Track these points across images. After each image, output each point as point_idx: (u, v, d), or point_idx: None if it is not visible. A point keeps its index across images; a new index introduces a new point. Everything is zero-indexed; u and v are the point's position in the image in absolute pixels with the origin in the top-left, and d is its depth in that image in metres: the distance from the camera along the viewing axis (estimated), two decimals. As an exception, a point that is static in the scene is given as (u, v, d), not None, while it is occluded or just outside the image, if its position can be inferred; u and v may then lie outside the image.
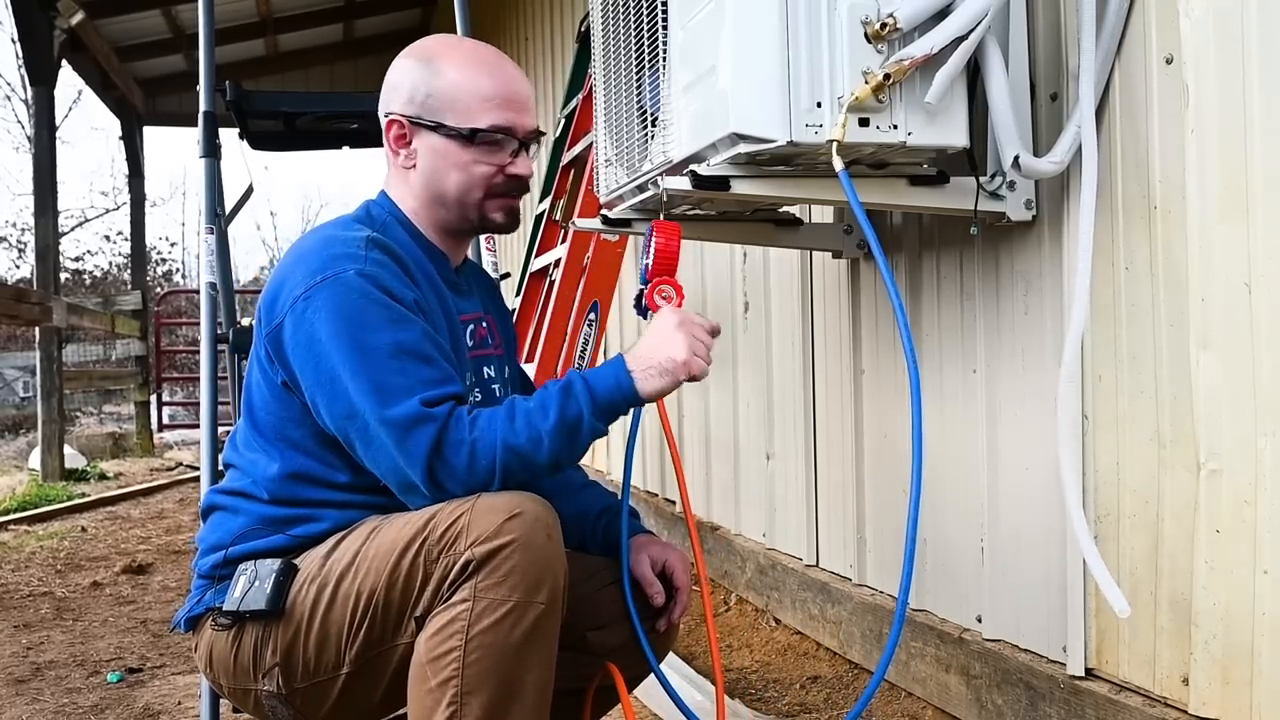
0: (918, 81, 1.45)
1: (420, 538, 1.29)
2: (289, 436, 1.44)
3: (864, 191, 1.52)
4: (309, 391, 1.37)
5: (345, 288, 1.35)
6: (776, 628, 2.69)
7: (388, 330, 1.34)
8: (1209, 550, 1.44)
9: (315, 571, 1.37)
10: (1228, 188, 1.39)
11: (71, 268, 17.72)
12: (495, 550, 1.26)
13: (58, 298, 6.80)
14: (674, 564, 1.59)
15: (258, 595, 1.36)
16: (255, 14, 8.75)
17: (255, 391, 1.47)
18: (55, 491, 6.16)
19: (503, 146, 1.48)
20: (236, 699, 1.47)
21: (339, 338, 1.33)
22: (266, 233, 34.22)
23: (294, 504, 1.44)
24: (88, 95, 9.86)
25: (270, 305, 1.41)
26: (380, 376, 1.32)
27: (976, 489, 1.93)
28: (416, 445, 1.30)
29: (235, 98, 2.37)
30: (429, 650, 1.27)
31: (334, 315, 1.34)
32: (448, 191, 1.49)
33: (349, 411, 1.33)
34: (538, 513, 1.30)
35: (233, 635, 1.40)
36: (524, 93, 1.52)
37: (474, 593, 1.26)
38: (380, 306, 1.35)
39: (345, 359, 1.33)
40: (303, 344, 1.36)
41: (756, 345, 2.88)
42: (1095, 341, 1.63)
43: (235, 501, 1.48)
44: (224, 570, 1.43)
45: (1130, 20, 1.53)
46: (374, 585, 1.32)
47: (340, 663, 1.36)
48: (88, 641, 3.02)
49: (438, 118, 1.47)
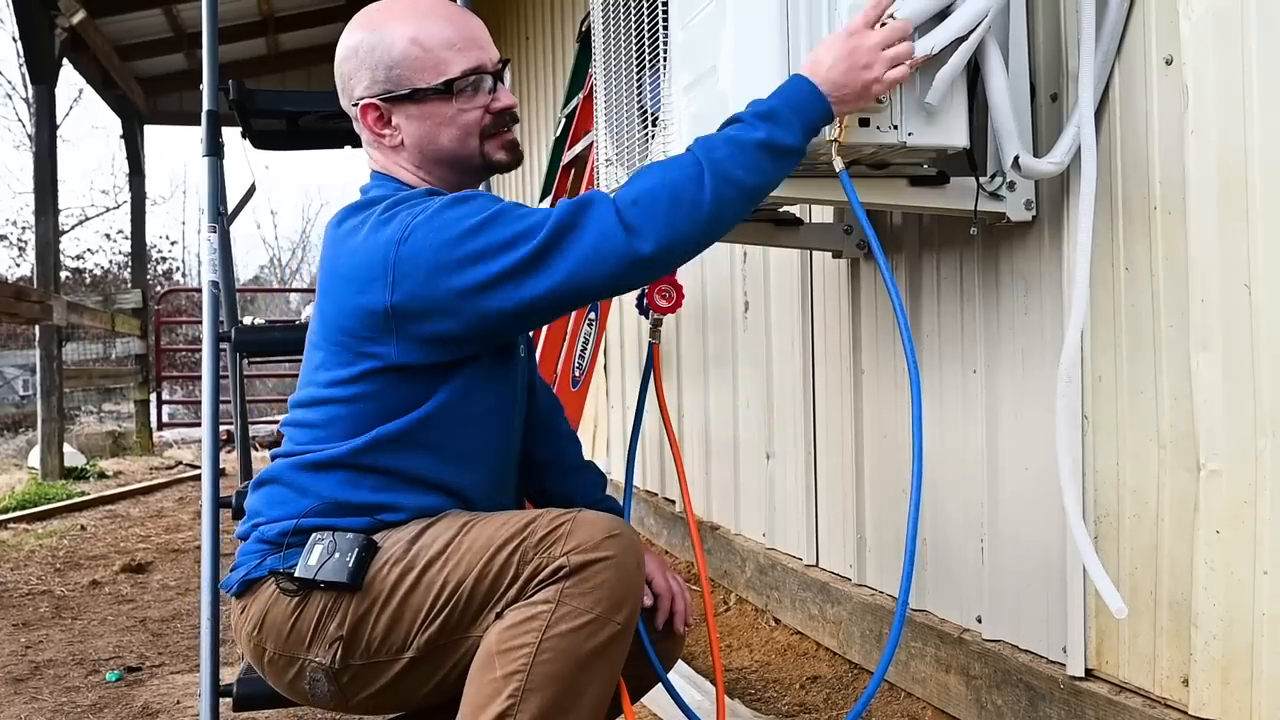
0: (918, 82, 1.46)
1: (518, 538, 1.30)
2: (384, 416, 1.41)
3: (864, 192, 1.53)
4: (462, 300, 1.32)
5: (438, 207, 1.34)
6: (776, 628, 2.69)
7: (494, 203, 1.34)
8: (1209, 551, 1.44)
9: (399, 554, 1.36)
10: (1227, 189, 1.39)
11: (72, 266, 17.74)
12: (590, 562, 1.27)
13: (58, 296, 6.80)
14: (652, 568, 1.58)
15: (338, 567, 1.34)
16: (257, 13, 8.77)
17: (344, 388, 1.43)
18: (54, 490, 6.16)
19: (480, 87, 1.47)
20: (275, 669, 1.43)
21: (462, 222, 1.31)
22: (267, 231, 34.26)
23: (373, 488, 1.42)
24: (88, 94, 9.87)
25: (361, 283, 1.36)
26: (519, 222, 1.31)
27: (976, 489, 1.93)
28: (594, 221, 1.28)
29: (239, 97, 2.37)
30: (501, 641, 1.27)
31: (443, 218, 1.32)
32: (444, 149, 1.48)
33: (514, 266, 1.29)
34: (634, 539, 1.32)
35: (296, 601, 1.37)
36: (477, 27, 1.50)
37: (559, 595, 1.26)
38: (474, 198, 1.35)
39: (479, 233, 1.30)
40: (428, 265, 1.31)
41: (756, 345, 2.89)
42: (1095, 342, 1.63)
43: (301, 477, 1.44)
44: (294, 538, 1.40)
45: (1130, 21, 1.54)
46: (462, 576, 1.31)
47: (406, 646, 1.35)
48: (86, 640, 3.02)
49: (409, 84, 1.46)
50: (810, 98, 1.35)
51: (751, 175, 1.31)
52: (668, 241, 1.29)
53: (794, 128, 1.33)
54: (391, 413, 1.41)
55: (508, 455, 1.54)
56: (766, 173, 1.33)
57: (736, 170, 1.30)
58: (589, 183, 3.07)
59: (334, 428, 1.44)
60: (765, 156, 1.32)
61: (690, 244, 1.31)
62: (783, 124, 1.33)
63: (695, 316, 3.37)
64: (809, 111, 1.35)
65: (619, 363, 4.27)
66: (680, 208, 1.29)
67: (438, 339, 1.37)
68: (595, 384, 4.27)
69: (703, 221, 1.30)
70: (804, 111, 1.35)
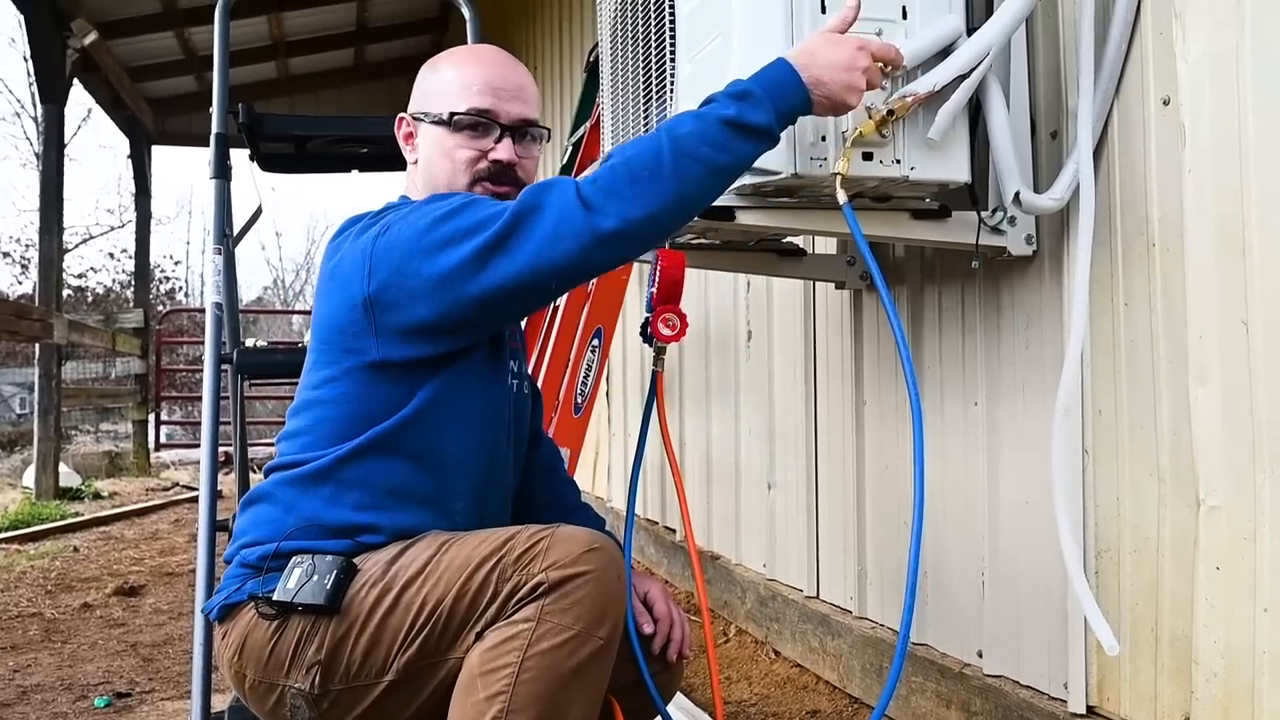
0: (920, 118, 1.48)
1: (496, 556, 1.30)
2: (374, 415, 1.42)
3: (867, 224, 1.54)
4: (431, 285, 1.34)
5: (416, 204, 1.40)
6: (776, 659, 2.68)
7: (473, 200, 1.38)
8: (1209, 587, 1.44)
9: (378, 575, 1.35)
10: (1224, 226, 1.40)
11: (74, 284, 17.76)
12: (569, 577, 1.26)
13: (59, 314, 6.81)
14: (654, 595, 1.60)
15: (316, 590, 1.34)
16: (268, 37, 8.84)
17: (333, 387, 1.45)
18: (48, 510, 6.12)
19: (485, 132, 1.50)
20: (256, 696, 1.42)
21: (435, 213, 1.35)
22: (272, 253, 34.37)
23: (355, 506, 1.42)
24: (97, 113, 9.92)
25: (346, 281, 1.40)
26: (488, 208, 1.33)
27: (977, 522, 1.93)
28: (553, 202, 1.29)
29: (248, 120, 2.39)
30: (483, 662, 1.27)
31: (418, 216, 1.36)
32: (439, 180, 1.52)
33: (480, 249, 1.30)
34: (613, 552, 1.32)
35: (275, 626, 1.36)
36: (513, 81, 1.52)
37: (539, 613, 1.26)
38: (454, 196, 1.40)
39: (454, 224, 1.33)
40: (400, 252, 1.35)
41: (759, 375, 2.89)
42: (1095, 376, 1.63)
43: (287, 492, 1.45)
44: (274, 563, 1.40)
45: (1128, 62, 1.56)
46: (441, 596, 1.31)
47: (386, 669, 1.34)
48: (76, 664, 2.98)
49: (426, 107, 1.53)
50: (792, 85, 1.33)
51: (717, 153, 1.29)
52: (629, 217, 1.27)
53: (767, 109, 1.31)
54: (375, 414, 1.42)
55: (494, 471, 1.52)
56: (734, 151, 1.30)
57: (702, 147, 1.28)
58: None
59: (320, 430, 1.45)
60: (732, 134, 1.29)
61: (654, 220, 1.28)
62: (756, 104, 1.31)
63: (698, 345, 3.38)
64: (787, 97, 1.33)
65: (621, 390, 4.28)
66: (640, 184, 1.27)
67: (414, 329, 1.38)
68: (597, 411, 4.27)
69: (666, 196, 1.27)
70: (781, 96, 1.32)
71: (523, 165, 1.53)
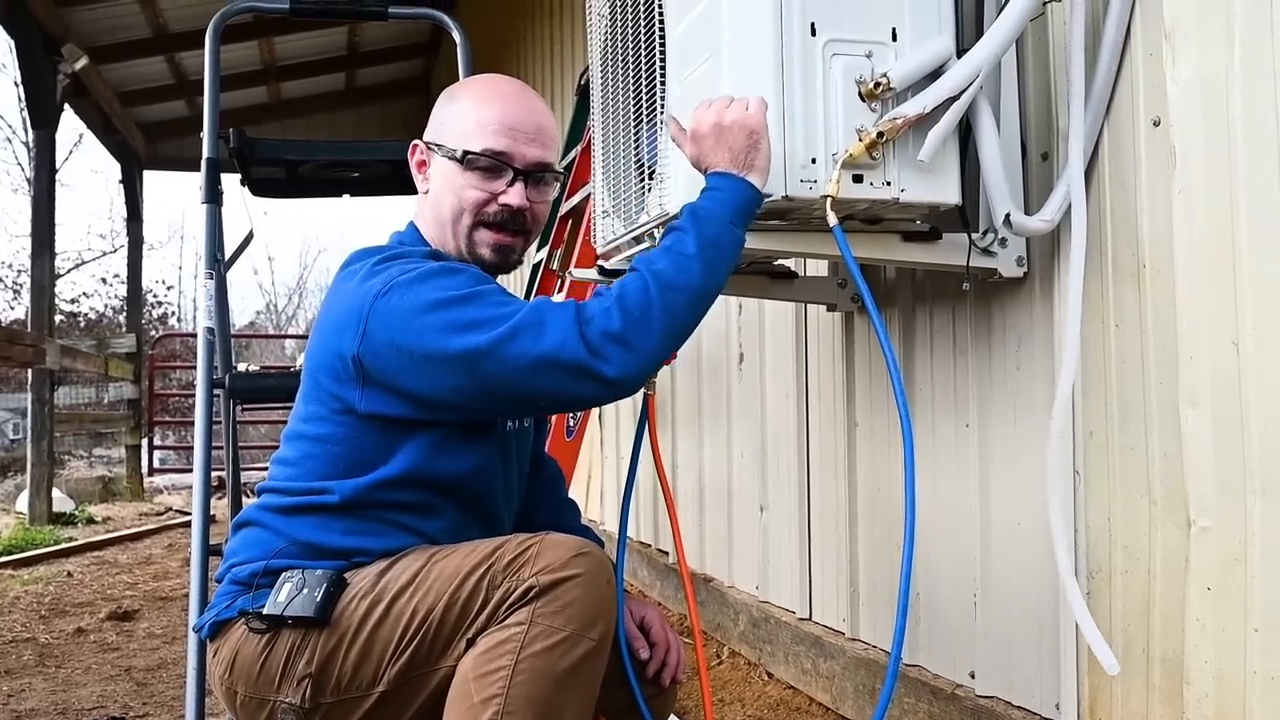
0: (911, 140, 1.48)
1: (486, 564, 1.30)
2: (360, 464, 1.42)
3: (858, 246, 1.54)
4: (420, 370, 1.33)
5: (424, 273, 1.36)
6: (769, 682, 2.66)
7: (483, 283, 1.36)
8: (1200, 608, 1.44)
9: (367, 587, 1.35)
10: (1215, 247, 1.41)
11: (66, 310, 17.72)
12: (560, 580, 1.27)
13: (52, 339, 6.79)
14: (651, 619, 1.60)
15: (305, 603, 1.34)
16: (259, 62, 8.88)
17: (322, 425, 1.45)
18: (42, 535, 6.09)
19: (497, 174, 1.49)
20: (248, 712, 1.41)
21: (439, 303, 1.32)
22: (264, 277, 34.37)
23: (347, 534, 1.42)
24: (88, 139, 9.93)
25: (353, 320, 1.37)
26: (492, 309, 1.31)
27: (969, 543, 1.93)
28: (556, 326, 1.28)
29: (239, 145, 2.39)
30: (476, 667, 1.27)
31: (424, 290, 1.33)
32: (444, 215, 1.51)
33: (470, 354, 1.29)
34: (603, 557, 1.33)
35: (265, 640, 1.36)
36: (532, 121, 1.51)
37: (531, 616, 1.26)
38: (466, 272, 1.37)
39: (455, 312, 1.31)
40: (399, 330, 1.33)
41: (751, 397, 2.89)
42: (1086, 397, 1.64)
43: (277, 520, 1.45)
44: (264, 580, 1.40)
45: (1119, 83, 1.57)
46: (431, 605, 1.31)
47: (377, 680, 1.34)
48: (70, 689, 2.96)
49: (441, 139, 1.51)
50: (728, 184, 1.38)
51: (696, 279, 1.32)
52: (627, 365, 1.28)
53: (722, 219, 1.35)
54: (360, 461, 1.42)
55: (488, 507, 1.52)
56: (711, 273, 1.34)
57: (680, 277, 1.31)
58: (586, 232, 3.10)
59: (307, 465, 1.46)
60: (703, 257, 1.32)
61: (651, 363, 1.31)
62: (708, 219, 1.35)
63: (690, 367, 3.38)
64: (730, 192, 1.37)
65: (613, 413, 4.27)
66: (633, 329, 1.28)
67: (397, 395, 1.38)
68: (589, 434, 4.26)
69: (658, 337, 1.30)
70: (722, 197, 1.37)
71: (533, 210, 1.52)
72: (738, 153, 1.39)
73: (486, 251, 1.51)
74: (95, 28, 7.48)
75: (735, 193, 1.37)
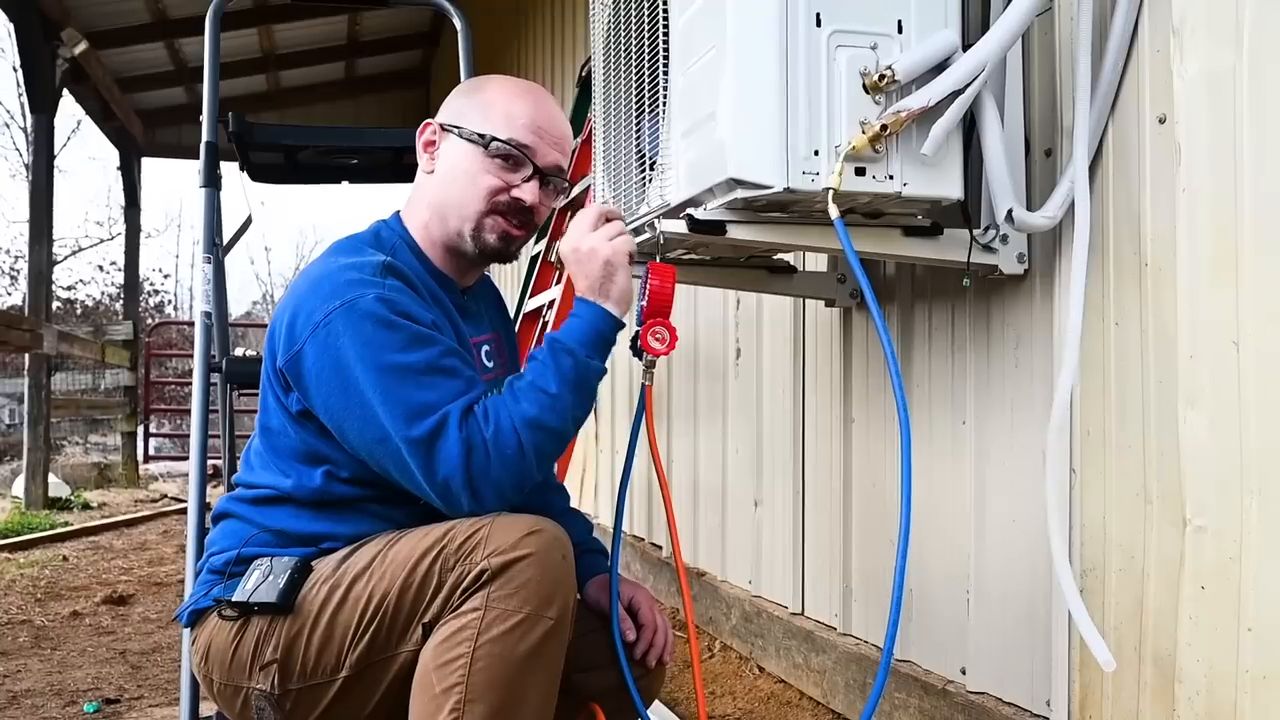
0: (914, 133, 1.48)
1: (438, 546, 1.30)
2: (309, 457, 1.45)
3: (858, 240, 1.54)
4: (334, 417, 1.37)
5: (365, 313, 1.35)
6: (760, 675, 2.66)
7: (411, 351, 1.34)
8: (1194, 607, 1.44)
9: (329, 572, 1.37)
10: (1218, 247, 1.40)
11: (64, 296, 17.69)
12: (511, 562, 1.27)
13: (49, 325, 6.78)
14: (640, 600, 1.61)
15: (270, 589, 1.36)
16: (258, 50, 8.85)
17: (273, 416, 1.48)
18: (38, 520, 6.10)
19: (517, 167, 1.49)
20: (225, 699, 1.44)
21: (364, 363, 1.33)
22: (260, 267, 34.33)
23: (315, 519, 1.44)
24: (86, 125, 9.91)
25: (288, 332, 1.40)
26: (407, 396, 1.32)
27: (963, 540, 1.92)
28: (446, 459, 1.30)
29: (238, 129, 2.38)
30: (435, 656, 1.27)
31: (356, 340, 1.34)
32: (450, 197, 1.50)
33: (380, 436, 1.33)
34: (555, 533, 1.33)
35: (236, 628, 1.39)
36: (558, 129, 1.53)
37: (486, 601, 1.26)
38: (401, 329, 1.35)
39: (372, 384, 1.33)
40: (327, 370, 1.35)
41: (747, 392, 2.89)
42: (1084, 395, 1.63)
43: (250, 510, 1.48)
44: (237, 568, 1.43)
45: (1125, 80, 1.56)
46: (386, 589, 1.32)
47: (340, 665, 1.35)
48: (65, 671, 2.97)
49: (464, 122, 1.51)
50: (582, 309, 1.43)
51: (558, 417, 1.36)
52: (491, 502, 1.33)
53: (577, 354, 1.39)
54: (313, 454, 1.44)
55: None
56: (572, 407, 1.38)
57: (543, 415, 1.35)
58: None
59: (265, 458, 1.50)
60: (561, 396, 1.36)
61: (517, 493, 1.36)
62: (565, 353, 1.39)
63: (687, 362, 3.38)
64: (587, 323, 1.41)
65: (609, 405, 4.27)
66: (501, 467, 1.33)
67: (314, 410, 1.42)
68: (585, 426, 4.26)
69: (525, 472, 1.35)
70: (579, 327, 1.41)
71: (539, 210, 1.53)
72: (593, 281, 1.43)
73: (493, 238, 1.51)
74: (95, 12, 7.45)
75: (591, 321, 1.42)
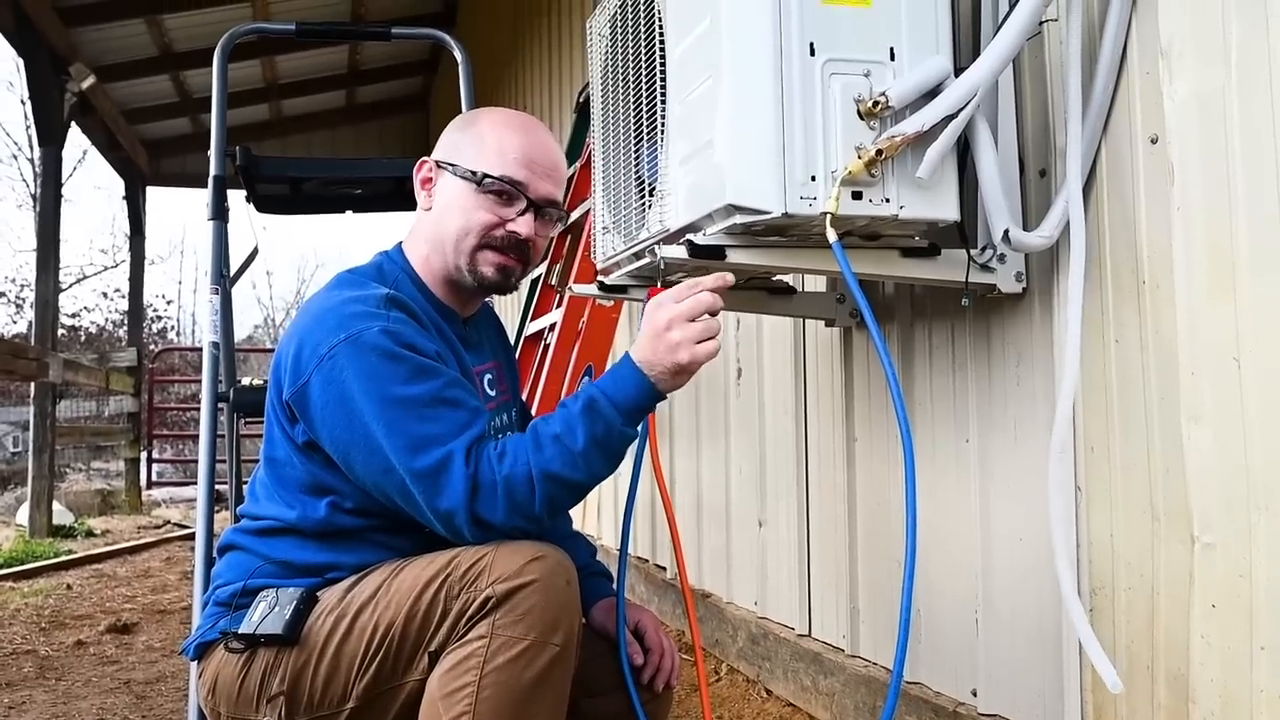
0: (909, 157, 1.49)
1: (443, 575, 1.31)
2: (315, 488, 1.45)
3: (857, 262, 1.55)
4: (340, 449, 1.37)
5: (369, 346, 1.36)
6: (768, 699, 2.65)
7: (415, 383, 1.35)
8: (1205, 625, 1.43)
9: (334, 603, 1.37)
10: (1214, 263, 1.41)
11: (68, 323, 17.74)
12: (516, 589, 1.27)
13: (54, 354, 6.80)
14: (646, 623, 1.61)
15: (275, 620, 1.36)
16: (261, 80, 8.93)
17: (278, 447, 1.48)
18: (42, 548, 6.09)
19: (510, 201, 1.51)
20: None
21: (368, 395, 1.34)
22: (262, 292, 34.42)
23: (321, 550, 1.44)
24: (92, 155, 9.98)
25: (294, 364, 1.41)
26: (411, 428, 1.32)
27: (970, 559, 1.92)
28: (452, 492, 1.31)
29: (245, 162, 2.41)
30: (442, 686, 1.27)
31: (361, 373, 1.34)
32: (447, 233, 1.51)
33: (385, 467, 1.34)
34: (559, 559, 1.33)
35: (243, 660, 1.38)
36: (549, 159, 1.54)
37: (491, 629, 1.27)
38: (405, 361, 1.36)
39: (377, 416, 1.33)
40: (332, 403, 1.36)
41: (749, 412, 2.89)
42: (1087, 413, 1.64)
43: (255, 542, 1.49)
44: (243, 600, 1.43)
45: (1116, 101, 1.57)
46: (392, 619, 1.32)
47: (346, 696, 1.35)
48: (70, 702, 2.96)
49: (456, 159, 1.52)
50: (634, 378, 1.39)
51: (579, 474, 1.35)
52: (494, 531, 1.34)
53: (613, 422, 1.36)
54: (318, 485, 1.45)
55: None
56: (595, 469, 1.37)
57: (564, 470, 1.34)
58: (585, 248, 3.10)
59: (269, 490, 1.50)
60: (588, 454, 1.35)
61: (523, 530, 1.36)
62: (600, 415, 1.36)
63: (688, 383, 3.38)
64: (633, 393, 1.38)
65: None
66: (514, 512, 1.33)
67: (320, 442, 1.42)
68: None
69: (533, 518, 1.35)
70: (624, 394, 1.38)
71: (536, 243, 1.54)
72: (659, 363, 1.38)
73: (490, 270, 1.52)
74: (102, 47, 7.53)
75: (639, 390, 1.38)
